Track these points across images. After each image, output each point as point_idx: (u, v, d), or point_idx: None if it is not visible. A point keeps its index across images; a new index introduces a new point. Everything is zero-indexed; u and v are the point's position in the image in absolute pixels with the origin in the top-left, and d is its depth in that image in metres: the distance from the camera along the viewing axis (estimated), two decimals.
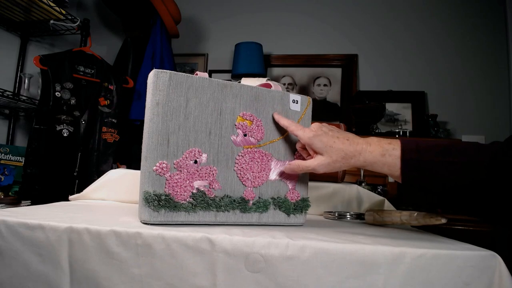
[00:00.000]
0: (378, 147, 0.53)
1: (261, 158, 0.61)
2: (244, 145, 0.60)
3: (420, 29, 2.29)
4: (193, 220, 0.56)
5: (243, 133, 0.60)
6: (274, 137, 0.63)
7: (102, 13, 2.52)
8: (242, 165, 0.60)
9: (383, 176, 1.98)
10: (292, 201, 0.63)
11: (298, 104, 0.66)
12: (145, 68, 1.98)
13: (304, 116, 0.66)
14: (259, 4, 2.54)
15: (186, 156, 0.56)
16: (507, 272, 0.45)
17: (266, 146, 0.62)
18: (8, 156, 1.71)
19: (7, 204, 1.38)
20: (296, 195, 0.64)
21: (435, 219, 0.59)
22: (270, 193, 0.62)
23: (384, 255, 0.45)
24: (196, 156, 0.57)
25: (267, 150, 0.62)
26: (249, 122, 0.61)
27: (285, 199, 0.63)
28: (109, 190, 0.91)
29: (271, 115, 0.63)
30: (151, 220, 0.53)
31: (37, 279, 0.48)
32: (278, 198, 0.62)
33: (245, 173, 0.60)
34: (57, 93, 1.62)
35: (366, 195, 0.90)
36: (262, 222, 0.61)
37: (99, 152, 1.75)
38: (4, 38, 1.86)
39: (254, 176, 0.61)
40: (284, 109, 0.64)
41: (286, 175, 0.63)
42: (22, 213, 0.56)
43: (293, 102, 0.65)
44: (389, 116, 2.21)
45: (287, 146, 0.64)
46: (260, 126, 0.62)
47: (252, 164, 0.61)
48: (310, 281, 0.45)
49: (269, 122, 0.63)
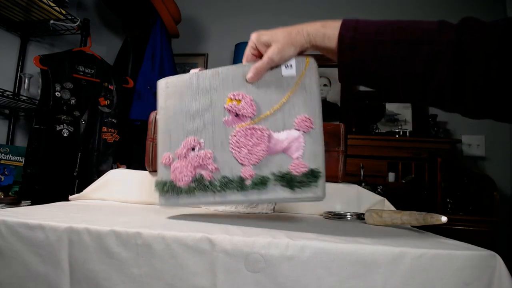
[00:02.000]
0: (320, 22, 0.54)
1: (255, 134, 0.58)
2: (237, 124, 0.60)
3: None
4: (193, 201, 0.61)
5: (234, 114, 0.60)
6: (267, 110, 0.59)
7: (102, 13, 2.52)
8: (236, 144, 0.59)
9: (383, 176, 1.98)
10: (296, 173, 0.55)
11: (292, 68, 0.58)
12: (145, 68, 1.98)
13: (303, 79, 0.58)
14: (259, 4, 2.54)
15: (184, 146, 0.63)
16: (507, 272, 0.45)
17: (260, 121, 0.59)
18: (8, 156, 1.71)
19: (7, 204, 1.38)
20: (301, 166, 0.56)
21: (435, 219, 0.59)
22: (272, 168, 0.57)
23: (384, 255, 0.45)
24: (192, 144, 0.63)
25: (263, 125, 0.58)
26: (237, 101, 0.60)
27: (287, 172, 0.56)
28: (109, 190, 0.91)
29: (264, 90, 0.59)
30: (162, 204, 0.64)
31: (37, 279, 0.48)
32: (279, 172, 0.57)
33: (240, 152, 0.59)
34: (57, 93, 1.62)
35: (366, 195, 0.90)
36: (263, 200, 0.58)
37: (99, 152, 1.75)
38: (4, 38, 1.85)
39: (250, 153, 0.58)
40: (276, 78, 0.59)
41: (285, 146, 0.57)
42: (22, 213, 0.56)
43: (286, 67, 0.58)
44: (389, 116, 2.21)
45: (285, 116, 0.58)
46: (250, 102, 0.59)
47: (246, 142, 0.59)
48: (310, 281, 0.45)
49: (261, 96, 0.59)
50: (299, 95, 0.57)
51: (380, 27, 0.49)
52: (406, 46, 0.47)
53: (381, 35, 0.48)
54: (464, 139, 2.19)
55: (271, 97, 0.59)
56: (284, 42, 0.55)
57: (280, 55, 0.56)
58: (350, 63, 0.51)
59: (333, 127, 0.93)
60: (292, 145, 0.57)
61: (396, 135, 2.09)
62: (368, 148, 2.01)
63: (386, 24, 0.49)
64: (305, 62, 0.58)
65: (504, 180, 2.13)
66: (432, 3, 2.33)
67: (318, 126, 0.56)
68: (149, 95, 1.94)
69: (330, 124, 0.94)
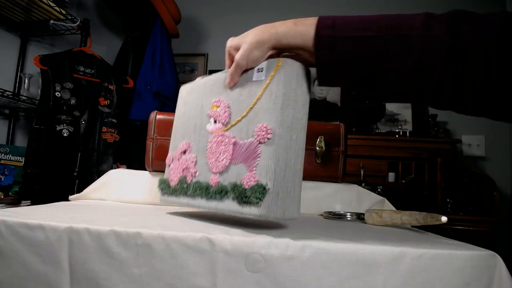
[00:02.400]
0: (292, 20, 0.49)
1: (223, 142, 0.56)
2: (214, 131, 0.59)
3: None
4: (175, 201, 0.66)
5: (214, 120, 0.60)
6: (237, 117, 0.55)
7: (102, 13, 2.52)
8: (210, 151, 0.59)
9: (383, 176, 1.98)
10: (246, 187, 0.50)
11: (263, 72, 0.52)
12: (145, 68, 1.98)
13: (270, 83, 0.51)
14: (259, 4, 2.54)
15: (179, 148, 0.67)
16: (507, 272, 0.45)
17: (232, 128, 0.56)
18: (8, 156, 1.71)
19: (7, 204, 1.38)
20: (251, 180, 0.50)
21: (435, 219, 0.59)
22: (232, 178, 0.53)
23: (384, 255, 0.45)
24: (185, 147, 0.66)
25: (232, 133, 0.55)
26: (217, 107, 0.60)
27: (240, 184, 0.51)
28: (109, 190, 0.91)
29: (237, 96, 0.56)
30: (160, 199, 0.71)
31: (37, 279, 0.47)
32: (235, 183, 0.52)
33: (210, 158, 0.58)
34: (57, 93, 1.62)
35: (366, 195, 0.90)
36: (219, 210, 0.55)
37: (99, 152, 1.75)
38: (4, 38, 1.85)
39: (217, 160, 0.57)
40: (249, 82, 0.55)
41: (245, 156, 0.52)
42: (22, 213, 0.56)
43: (257, 71, 0.53)
44: (389, 116, 2.21)
45: (249, 124, 0.53)
46: (224, 108, 0.58)
47: (216, 149, 0.57)
48: (310, 281, 0.45)
49: (236, 103, 0.56)
50: (264, 101, 0.51)
51: (361, 23, 0.46)
52: (393, 42, 0.44)
53: (362, 31, 0.45)
54: (464, 139, 2.19)
55: (243, 103, 0.55)
56: (252, 43, 0.51)
57: (247, 59, 0.52)
58: (330, 64, 0.47)
59: (333, 127, 0.93)
60: (250, 156, 0.51)
61: (396, 135, 2.09)
62: (368, 148, 2.01)
63: (368, 20, 0.46)
64: (276, 65, 0.51)
65: (504, 180, 2.13)
66: (433, 3, 2.32)
67: (279, 137, 0.49)
68: (149, 95, 1.94)
69: (330, 124, 0.95)
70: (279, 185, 0.48)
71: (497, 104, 0.43)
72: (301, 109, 0.52)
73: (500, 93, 0.42)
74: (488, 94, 0.42)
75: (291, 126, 0.50)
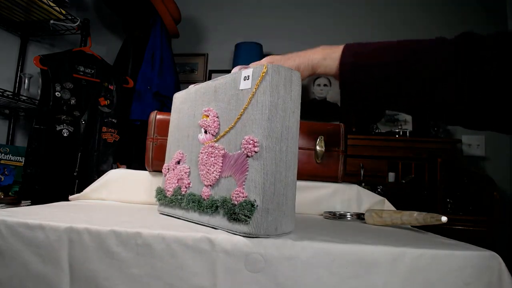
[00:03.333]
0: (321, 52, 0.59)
1: (213, 153, 0.54)
2: (205, 141, 0.57)
3: (420, 28, 2.29)
4: (170, 212, 0.65)
5: (204, 130, 0.58)
6: (226, 128, 0.53)
7: (102, 13, 2.52)
8: (201, 162, 0.57)
9: (383, 176, 1.98)
10: (235, 202, 0.48)
11: (249, 80, 0.50)
12: (145, 68, 1.98)
13: (256, 92, 0.48)
14: (259, 4, 2.54)
15: (173, 158, 0.66)
16: (507, 272, 0.45)
17: (221, 139, 0.54)
18: (8, 156, 1.71)
19: (7, 204, 1.38)
20: (240, 195, 0.47)
21: (435, 219, 0.59)
22: (223, 192, 0.52)
23: (384, 255, 0.45)
24: (179, 157, 0.65)
25: (222, 144, 0.53)
26: (206, 117, 0.57)
27: (229, 199, 0.49)
28: (109, 190, 0.91)
29: (226, 105, 0.54)
30: (158, 211, 0.70)
31: (37, 279, 0.47)
32: (225, 198, 0.50)
33: (202, 171, 0.57)
34: (57, 93, 1.62)
35: (366, 195, 0.90)
36: (211, 225, 0.53)
37: (99, 152, 1.75)
38: (4, 38, 1.85)
39: (208, 173, 0.55)
40: (236, 92, 0.52)
41: (234, 169, 0.50)
42: (22, 213, 0.56)
43: (244, 79, 0.51)
44: (389, 116, 2.21)
45: (237, 135, 0.51)
46: (213, 118, 0.55)
47: (207, 160, 0.55)
48: (310, 281, 0.45)
49: (225, 112, 0.54)
50: (250, 112, 0.49)
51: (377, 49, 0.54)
52: (408, 66, 0.51)
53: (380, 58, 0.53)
54: (464, 139, 2.19)
55: (231, 113, 0.52)
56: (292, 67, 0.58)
57: None
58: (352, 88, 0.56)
59: (333, 127, 0.93)
60: (238, 169, 0.49)
61: (396, 135, 2.09)
62: (368, 148, 2.01)
63: (385, 46, 0.54)
64: (261, 72, 0.48)
65: (504, 180, 2.13)
66: (433, 3, 2.32)
67: (267, 149, 0.46)
68: (149, 95, 1.94)
69: (330, 124, 0.94)
70: (269, 201, 0.46)
71: (501, 118, 0.49)
72: (291, 117, 0.49)
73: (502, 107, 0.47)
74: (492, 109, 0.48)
75: (279, 137, 0.47)
